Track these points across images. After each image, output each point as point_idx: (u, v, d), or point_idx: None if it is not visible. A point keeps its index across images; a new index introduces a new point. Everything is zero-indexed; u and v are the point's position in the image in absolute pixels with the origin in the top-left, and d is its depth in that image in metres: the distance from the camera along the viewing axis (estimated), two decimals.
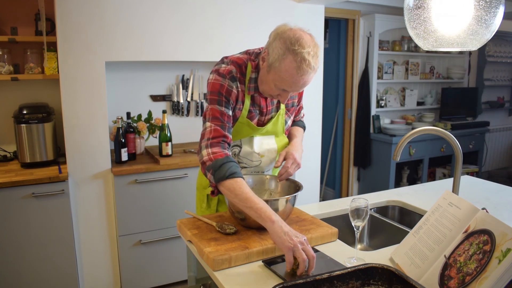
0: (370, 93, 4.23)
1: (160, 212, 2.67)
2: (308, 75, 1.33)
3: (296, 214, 1.55)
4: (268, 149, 1.60)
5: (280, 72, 1.33)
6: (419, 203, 1.83)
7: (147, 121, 2.94)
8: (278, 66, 1.33)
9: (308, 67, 1.30)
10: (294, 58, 1.29)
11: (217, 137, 1.40)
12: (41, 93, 2.78)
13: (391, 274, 1.04)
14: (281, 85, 1.37)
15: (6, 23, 2.63)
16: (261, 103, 1.54)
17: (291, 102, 1.64)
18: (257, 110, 1.54)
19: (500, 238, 0.98)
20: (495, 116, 5.41)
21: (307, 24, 3.28)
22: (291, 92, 1.41)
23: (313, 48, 1.32)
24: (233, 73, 1.44)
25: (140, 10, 2.58)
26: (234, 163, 1.35)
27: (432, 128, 1.59)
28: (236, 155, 1.58)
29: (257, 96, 1.52)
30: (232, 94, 1.44)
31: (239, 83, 1.46)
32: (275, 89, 1.40)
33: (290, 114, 1.66)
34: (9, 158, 2.69)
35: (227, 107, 1.44)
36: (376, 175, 4.31)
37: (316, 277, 1.01)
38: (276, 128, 1.61)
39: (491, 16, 1.19)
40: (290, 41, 1.30)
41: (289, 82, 1.34)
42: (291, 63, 1.30)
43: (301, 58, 1.29)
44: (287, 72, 1.32)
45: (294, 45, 1.29)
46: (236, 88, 1.45)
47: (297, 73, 1.31)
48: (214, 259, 1.20)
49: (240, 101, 1.48)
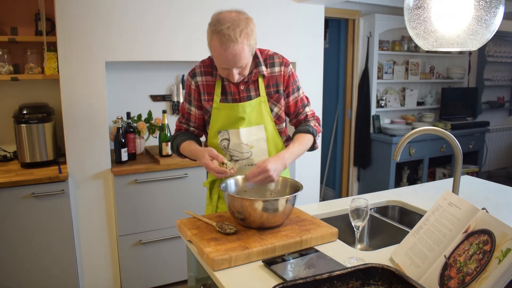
0: (370, 93, 4.23)
1: (160, 212, 2.67)
2: (233, 48, 1.41)
3: (296, 214, 1.55)
4: (256, 139, 1.62)
5: (213, 53, 1.48)
6: (419, 203, 1.83)
7: (147, 121, 2.94)
8: (210, 47, 1.48)
9: (228, 40, 1.40)
10: (216, 36, 1.42)
11: (175, 129, 1.75)
12: (41, 93, 2.78)
13: (391, 274, 1.04)
14: (219, 63, 1.49)
15: (6, 23, 2.63)
16: (232, 89, 1.61)
17: (273, 90, 1.64)
18: (230, 97, 1.62)
19: (500, 238, 0.98)
20: (495, 116, 5.41)
21: (307, 24, 3.29)
22: (234, 69, 1.48)
23: (234, 22, 1.42)
24: (196, 69, 1.64)
25: (140, 10, 2.58)
26: (176, 137, 1.69)
27: (432, 128, 1.59)
28: (226, 148, 1.62)
29: (227, 84, 1.61)
30: (191, 90, 1.65)
31: (204, 75, 1.62)
32: (221, 70, 1.52)
33: (275, 102, 1.64)
34: (9, 158, 2.69)
35: (189, 103, 1.68)
36: (376, 175, 4.31)
37: (316, 277, 1.01)
38: (261, 117, 1.62)
39: (491, 16, 1.19)
40: (213, 22, 1.45)
41: (219, 58, 1.45)
42: (215, 41, 1.43)
43: (221, 35, 1.41)
44: (215, 51, 1.45)
45: (215, 25, 1.43)
46: (195, 83, 1.63)
47: (221, 48, 1.42)
48: (214, 259, 1.20)
49: (205, 92, 1.63)
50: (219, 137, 1.62)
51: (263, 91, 1.62)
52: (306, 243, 1.35)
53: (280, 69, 1.64)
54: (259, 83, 1.62)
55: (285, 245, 1.31)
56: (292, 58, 3.16)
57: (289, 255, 1.28)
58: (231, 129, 1.61)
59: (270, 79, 1.63)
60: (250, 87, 1.61)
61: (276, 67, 1.63)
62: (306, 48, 3.21)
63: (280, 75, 1.64)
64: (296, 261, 1.25)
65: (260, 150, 1.62)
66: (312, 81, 3.35)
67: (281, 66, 1.64)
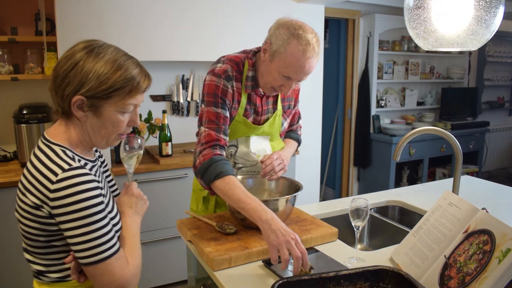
0: (370, 93, 4.23)
1: (160, 212, 2.67)
2: (313, 60, 1.34)
3: (296, 214, 1.55)
4: (263, 148, 1.60)
5: (285, 57, 1.33)
6: (419, 203, 1.83)
7: (147, 121, 2.94)
8: (284, 51, 1.33)
9: (313, 50, 1.32)
10: (299, 41, 1.31)
11: (210, 141, 1.40)
12: (41, 93, 2.78)
13: (401, 278, 1.01)
14: (287, 71, 1.35)
15: (6, 23, 2.63)
16: (257, 102, 1.53)
17: (287, 104, 1.63)
18: (252, 109, 1.53)
19: (500, 238, 0.98)
20: (495, 116, 5.40)
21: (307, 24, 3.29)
22: (294, 82, 1.40)
23: (315, 36, 1.35)
24: (229, 72, 1.44)
25: (140, 10, 2.58)
26: (220, 162, 1.34)
27: (432, 128, 1.59)
28: (233, 155, 1.57)
29: (253, 94, 1.51)
30: (228, 94, 1.44)
31: (235, 81, 1.45)
32: (279, 78, 1.38)
33: (287, 117, 1.65)
34: (9, 158, 2.69)
35: (223, 108, 1.43)
36: (376, 175, 4.31)
37: (322, 274, 1.00)
38: (272, 129, 1.60)
39: (491, 16, 1.19)
40: (294, 27, 1.33)
41: (295, 66, 1.33)
42: (297, 46, 1.31)
43: (306, 42, 1.31)
44: (293, 56, 1.32)
45: (298, 30, 1.32)
46: (232, 87, 1.45)
47: (303, 56, 1.32)
48: (214, 259, 1.20)
49: (235, 100, 1.47)
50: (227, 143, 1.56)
51: (280, 105, 1.59)
52: (306, 243, 1.35)
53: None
54: (278, 97, 1.59)
55: None
56: None
57: (289, 255, 1.28)
58: (241, 138, 1.57)
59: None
60: (269, 99, 1.57)
61: None
62: None
63: (293, 89, 1.62)
64: None
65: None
66: (312, 81, 3.35)
67: None
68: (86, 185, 0.90)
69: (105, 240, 0.92)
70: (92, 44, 0.98)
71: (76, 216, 0.89)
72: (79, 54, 0.94)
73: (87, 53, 0.94)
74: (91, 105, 0.95)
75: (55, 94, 0.96)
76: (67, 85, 0.93)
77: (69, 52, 0.96)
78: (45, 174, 0.91)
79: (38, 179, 0.91)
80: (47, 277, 1.00)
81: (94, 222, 0.91)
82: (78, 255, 0.92)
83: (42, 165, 0.93)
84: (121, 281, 0.94)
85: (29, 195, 0.92)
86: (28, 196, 0.92)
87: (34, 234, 0.95)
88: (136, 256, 1.00)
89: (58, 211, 0.90)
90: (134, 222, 1.08)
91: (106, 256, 0.92)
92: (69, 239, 0.91)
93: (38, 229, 0.94)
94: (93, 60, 0.94)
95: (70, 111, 0.96)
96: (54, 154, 0.94)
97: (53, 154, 0.94)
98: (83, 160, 1.00)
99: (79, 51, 0.95)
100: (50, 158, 0.93)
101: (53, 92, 0.97)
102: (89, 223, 0.90)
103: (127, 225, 1.06)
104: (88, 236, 0.90)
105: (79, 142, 1.01)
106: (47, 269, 1.00)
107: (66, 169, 0.90)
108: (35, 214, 0.92)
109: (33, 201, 0.92)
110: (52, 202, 0.89)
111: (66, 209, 0.89)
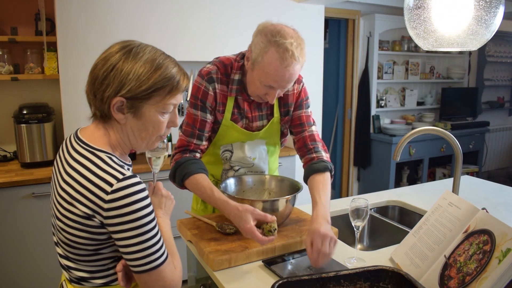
0: (370, 93, 4.23)
1: None
2: (293, 67, 1.27)
3: (296, 214, 1.55)
4: (259, 151, 1.58)
5: (263, 67, 1.28)
6: (419, 203, 1.83)
7: None
8: (261, 60, 1.28)
9: (292, 57, 1.25)
10: (276, 49, 1.25)
11: (180, 146, 1.45)
12: (41, 93, 2.78)
13: (401, 278, 1.02)
14: (266, 81, 1.30)
15: (6, 23, 2.63)
16: (245, 107, 1.48)
17: (285, 110, 1.53)
18: (241, 114, 1.48)
19: (500, 238, 0.98)
20: (495, 116, 5.41)
21: (307, 24, 3.29)
22: (278, 90, 1.34)
23: (296, 39, 1.28)
24: (212, 74, 1.42)
25: (140, 10, 2.58)
26: (185, 163, 1.39)
27: (432, 128, 1.59)
28: (228, 159, 1.56)
29: (240, 99, 1.46)
30: (209, 97, 1.42)
31: (220, 83, 1.43)
32: (261, 87, 1.33)
33: (285, 124, 1.56)
34: (9, 158, 2.69)
35: (203, 110, 1.43)
36: (376, 175, 4.31)
37: (322, 274, 1.00)
38: (269, 135, 1.55)
39: (491, 16, 1.19)
40: (271, 33, 1.26)
41: (274, 75, 1.28)
42: (274, 55, 1.25)
43: (284, 49, 1.24)
44: (270, 65, 1.26)
45: (275, 37, 1.25)
46: (214, 89, 1.42)
47: (281, 65, 1.25)
48: (214, 259, 1.20)
49: (219, 103, 1.44)
50: (221, 148, 1.54)
51: (277, 112, 1.53)
52: None
53: (293, 87, 1.52)
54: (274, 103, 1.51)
55: (285, 245, 1.31)
56: None
57: (289, 255, 1.28)
58: (235, 143, 1.54)
59: (283, 98, 1.52)
60: (263, 106, 1.51)
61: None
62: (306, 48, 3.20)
63: (292, 93, 1.52)
64: (296, 261, 1.25)
65: (261, 160, 1.60)
66: (312, 81, 3.35)
67: (295, 84, 1.52)
68: (140, 195, 0.88)
69: (158, 247, 0.92)
70: (130, 44, 0.95)
71: (131, 226, 0.88)
72: (117, 55, 0.92)
73: (125, 54, 0.92)
74: (131, 107, 0.92)
75: (94, 97, 0.94)
76: (106, 87, 0.91)
77: (105, 53, 0.94)
78: (98, 184, 0.88)
79: (89, 189, 0.88)
80: (90, 283, 0.99)
81: (148, 231, 0.90)
82: (132, 263, 0.91)
83: (92, 174, 0.89)
84: (172, 285, 0.95)
85: (79, 205, 0.89)
86: (78, 206, 0.89)
87: (81, 244, 0.93)
88: (178, 258, 1.01)
89: (112, 221, 0.88)
90: (166, 224, 1.08)
91: (159, 263, 0.92)
92: (123, 248, 0.90)
93: (87, 238, 0.92)
94: (132, 61, 0.91)
95: (109, 114, 0.93)
96: (102, 162, 0.91)
97: (101, 162, 0.91)
98: (126, 166, 0.98)
99: (116, 52, 0.93)
100: (100, 166, 0.90)
101: (91, 95, 0.95)
102: (144, 232, 0.89)
103: (161, 227, 1.04)
104: (143, 245, 0.89)
105: (118, 145, 0.98)
106: (91, 276, 0.98)
107: (121, 178, 0.88)
108: (85, 224, 0.90)
109: (84, 211, 0.89)
110: (107, 212, 0.87)
111: (121, 219, 0.87)
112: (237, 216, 1.22)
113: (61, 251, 1.00)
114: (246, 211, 1.21)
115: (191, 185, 1.37)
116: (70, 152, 0.97)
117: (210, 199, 1.32)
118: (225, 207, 1.26)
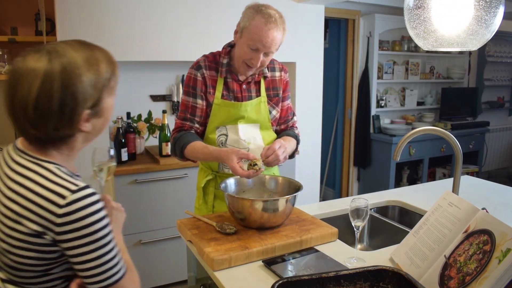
0: (370, 93, 4.23)
1: (160, 212, 2.67)
2: (275, 31, 1.48)
3: (296, 214, 1.55)
4: (253, 136, 1.65)
5: (250, 30, 1.49)
6: (419, 203, 1.83)
7: (147, 121, 2.94)
8: (248, 25, 1.49)
9: (274, 23, 1.47)
10: (262, 15, 1.47)
11: (176, 128, 1.67)
12: None
13: (401, 278, 1.01)
14: (253, 43, 1.48)
15: (6, 23, 2.63)
16: (234, 87, 1.64)
17: (274, 92, 1.70)
18: (231, 95, 1.63)
19: (500, 238, 0.98)
20: (495, 116, 5.41)
21: (307, 24, 3.29)
22: (262, 54, 1.51)
23: (279, 13, 1.52)
24: (200, 62, 1.63)
25: (140, 10, 2.58)
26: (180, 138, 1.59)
27: (432, 128, 1.59)
28: (223, 143, 1.64)
29: (230, 80, 1.63)
30: (198, 82, 1.61)
31: (208, 70, 1.62)
32: (248, 51, 1.51)
33: (274, 105, 1.71)
34: None
35: (194, 96, 1.63)
36: (376, 175, 4.31)
37: (322, 274, 1.00)
38: (259, 116, 1.66)
39: (491, 16, 1.19)
40: (255, 5, 1.51)
41: (259, 35, 1.47)
42: (259, 19, 1.47)
43: (268, 15, 1.47)
44: (256, 27, 1.47)
45: (260, 7, 1.50)
46: (202, 75, 1.61)
47: (265, 27, 1.46)
48: (214, 259, 1.20)
49: (209, 85, 1.62)
50: (217, 132, 1.64)
51: (264, 92, 1.69)
52: (306, 243, 1.35)
53: (280, 74, 1.73)
54: (260, 85, 1.68)
55: (285, 245, 1.31)
56: (292, 58, 3.16)
57: (289, 255, 1.28)
58: (230, 125, 1.64)
59: (271, 82, 1.70)
60: (252, 87, 1.67)
61: (276, 71, 1.72)
62: (306, 48, 3.20)
63: (280, 79, 1.72)
64: (296, 261, 1.25)
65: (256, 147, 1.63)
66: (312, 81, 3.35)
67: (281, 72, 1.73)
68: (96, 206, 0.84)
69: (116, 261, 0.88)
70: (50, 58, 0.88)
71: (88, 240, 0.83)
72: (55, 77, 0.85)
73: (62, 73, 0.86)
74: (95, 111, 0.91)
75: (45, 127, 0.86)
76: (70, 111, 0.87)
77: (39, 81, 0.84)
78: (48, 197, 0.82)
79: (38, 204, 0.82)
80: None
81: (106, 244, 0.85)
82: (89, 280, 0.85)
83: (41, 187, 0.83)
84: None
85: (26, 222, 0.82)
86: (25, 223, 0.82)
87: (29, 265, 0.86)
88: (135, 270, 0.97)
89: (67, 236, 0.82)
90: (119, 237, 1.02)
91: (119, 278, 0.88)
92: (79, 265, 0.84)
93: (36, 258, 0.85)
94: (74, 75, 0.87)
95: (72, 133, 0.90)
96: (51, 173, 0.85)
97: (49, 173, 0.85)
98: (75, 176, 0.91)
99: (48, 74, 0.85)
100: (49, 178, 0.84)
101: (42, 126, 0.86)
102: (101, 245, 0.84)
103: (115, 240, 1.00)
104: (101, 259, 0.85)
105: (68, 156, 0.94)
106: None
107: (75, 190, 0.83)
108: (34, 242, 0.83)
109: (33, 228, 0.82)
110: (60, 227, 0.81)
111: (77, 233, 0.82)
112: (225, 157, 1.44)
113: (3, 276, 0.92)
114: (232, 152, 1.43)
115: (189, 153, 1.57)
116: (10, 166, 0.89)
117: (207, 156, 1.53)
118: (219, 153, 1.48)
